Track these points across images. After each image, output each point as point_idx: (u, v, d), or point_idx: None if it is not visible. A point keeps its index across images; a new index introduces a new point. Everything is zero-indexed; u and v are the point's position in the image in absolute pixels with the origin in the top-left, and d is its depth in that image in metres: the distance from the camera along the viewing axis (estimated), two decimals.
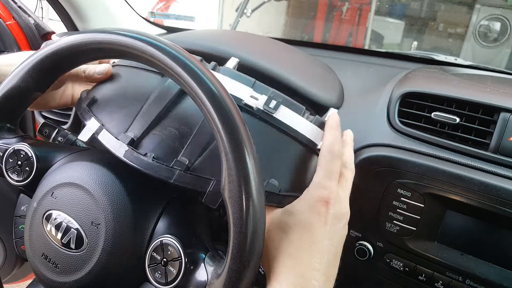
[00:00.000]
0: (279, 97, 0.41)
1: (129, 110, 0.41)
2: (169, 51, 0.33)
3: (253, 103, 0.40)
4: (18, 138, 0.45)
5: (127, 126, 0.40)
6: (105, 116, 0.42)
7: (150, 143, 0.39)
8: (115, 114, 0.41)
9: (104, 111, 0.42)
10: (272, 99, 0.40)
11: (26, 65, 0.40)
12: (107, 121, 0.41)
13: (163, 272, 0.36)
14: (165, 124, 0.39)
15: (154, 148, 0.38)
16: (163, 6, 1.92)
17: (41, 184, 0.42)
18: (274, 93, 0.41)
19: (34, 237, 0.40)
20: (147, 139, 0.39)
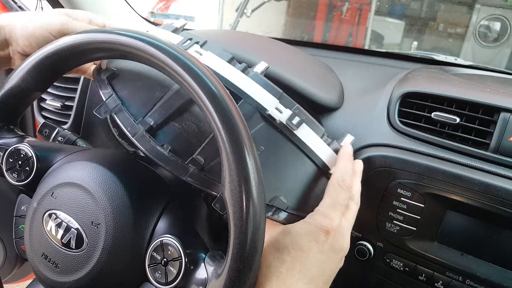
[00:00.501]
0: (303, 115, 0.41)
1: (151, 95, 0.39)
2: (169, 50, 0.33)
3: (277, 116, 0.39)
4: (18, 138, 0.45)
5: (147, 110, 0.39)
6: (125, 95, 0.40)
7: (168, 134, 0.38)
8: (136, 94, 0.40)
9: (125, 89, 0.41)
10: (296, 116, 0.40)
11: (26, 64, 0.40)
12: (127, 100, 0.40)
13: (163, 272, 0.36)
14: (186, 117, 0.39)
15: (171, 140, 0.38)
16: (163, 6, 1.92)
17: (41, 184, 0.42)
18: (298, 110, 0.41)
19: (34, 237, 0.40)
20: (166, 128, 0.38)
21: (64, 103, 0.82)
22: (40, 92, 0.43)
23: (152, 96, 0.39)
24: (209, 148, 0.37)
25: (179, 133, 0.38)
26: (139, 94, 0.40)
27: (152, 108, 0.39)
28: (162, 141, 0.38)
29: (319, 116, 0.62)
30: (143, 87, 0.41)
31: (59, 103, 0.82)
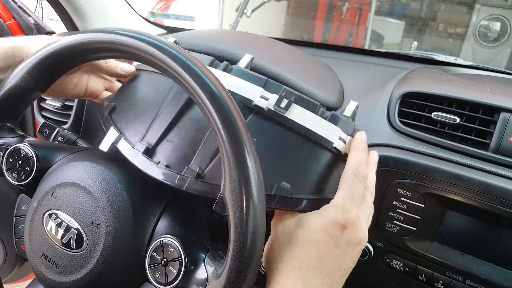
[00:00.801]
0: (291, 95, 0.40)
1: (145, 117, 0.42)
2: (169, 51, 0.33)
3: (263, 104, 0.39)
4: (18, 138, 0.45)
5: (143, 133, 0.41)
6: (123, 124, 0.43)
7: (164, 150, 0.39)
8: (132, 122, 0.42)
9: (123, 119, 0.43)
10: (284, 98, 0.39)
11: (26, 64, 0.40)
12: (125, 129, 0.42)
13: (163, 272, 0.36)
14: (179, 129, 0.40)
15: (167, 156, 0.39)
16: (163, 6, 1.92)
17: (41, 184, 0.42)
18: (286, 91, 0.40)
19: (34, 236, 0.40)
20: (161, 146, 0.40)
21: (64, 103, 0.82)
22: (40, 92, 0.43)
23: (146, 119, 0.42)
24: (202, 153, 0.38)
25: (173, 148, 0.39)
26: (135, 122, 0.42)
27: (147, 130, 0.41)
28: (159, 159, 0.39)
29: None
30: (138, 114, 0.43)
31: (59, 103, 0.82)
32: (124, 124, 0.43)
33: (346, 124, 0.42)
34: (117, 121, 0.43)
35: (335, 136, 0.41)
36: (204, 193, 0.37)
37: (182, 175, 0.37)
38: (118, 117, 0.44)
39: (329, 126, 0.41)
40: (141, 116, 0.42)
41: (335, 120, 0.41)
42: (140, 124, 0.42)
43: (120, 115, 0.44)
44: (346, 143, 0.42)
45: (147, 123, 0.41)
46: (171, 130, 0.40)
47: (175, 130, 0.40)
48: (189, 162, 0.38)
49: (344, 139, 0.41)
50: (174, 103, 0.40)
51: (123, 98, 0.46)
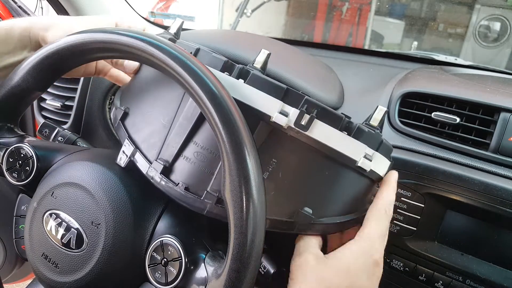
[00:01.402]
0: (313, 107, 0.35)
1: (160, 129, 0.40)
2: (169, 50, 0.33)
3: (282, 121, 0.35)
4: (18, 138, 0.45)
5: (159, 148, 0.39)
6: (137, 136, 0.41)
7: (181, 169, 0.38)
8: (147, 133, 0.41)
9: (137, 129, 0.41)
10: (305, 113, 0.35)
11: (26, 64, 0.40)
12: (140, 142, 0.40)
13: (163, 272, 0.36)
14: (195, 145, 0.38)
15: (185, 176, 0.38)
16: (163, 6, 1.92)
17: (41, 184, 0.42)
18: (307, 103, 0.35)
19: (34, 236, 0.40)
20: (178, 164, 0.38)
21: (64, 103, 0.82)
22: (40, 92, 0.43)
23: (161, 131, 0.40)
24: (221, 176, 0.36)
25: (191, 167, 0.38)
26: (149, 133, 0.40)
27: (163, 144, 0.39)
28: (177, 179, 0.38)
29: None
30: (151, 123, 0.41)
31: (59, 103, 0.82)
32: (138, 135, 0.41)
33: (372, 137, 0.39)
34: (131, 130, 0.41)
35: (359, 154, 0.38)
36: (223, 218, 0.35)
37: (202, 200, 0.36)
38: (131, 126, 0.42)
39: (353, 143, 0.38)
40: (155, 127, 0.40)
41: (360, 134, 0.38)
42: (155, 137, 0.40)
43: (134, 123, 0.42)
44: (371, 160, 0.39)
45: (162, 136, 0.39)
46: (187, 146, 0.38)
47: (191, 146, 0.38)
48: (208, 183, 0.37)
49: (369, 156, 0.38)
50: (189, 115, 0.38)
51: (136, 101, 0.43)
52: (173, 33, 0.43)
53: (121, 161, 0.41)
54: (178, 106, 0.39)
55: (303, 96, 0.36)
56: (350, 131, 0.37)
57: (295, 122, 0.35)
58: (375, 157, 0.39)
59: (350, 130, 0.37)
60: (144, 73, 0.46)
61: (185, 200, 0.37)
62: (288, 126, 0.35)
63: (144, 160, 0.39)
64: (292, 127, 0.35)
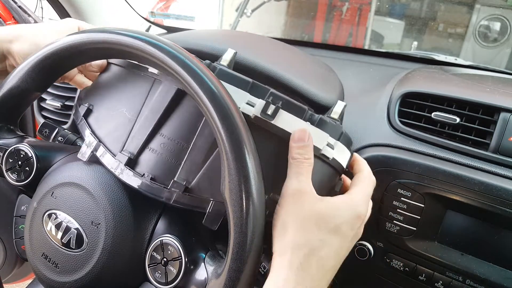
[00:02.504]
0: (279, 99, 0.38)
1: (125, 122, 0.40)
2: (169, 50, 0.33)
3: (249, 111, 0.37)
4: (18, 138, 0.45)
5: (123, 141, 0.40)
6: (101, 130, 0.41)
7: (147, 161, 0.38)
8: (111, 127, 0.41)
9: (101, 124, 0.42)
10: (271, 104, 0.37)
11: (25, 65, 0.40)
12: (104, 135, 0.41)
13: (163, 272, 0.36)
14: (161, 137, 0.38)
15: (151, 167, 0.38)
16: (163, 6, 1.92)
17: (41, 184, 0.42)
18: (273, 95, 0.38)
19: (34, 237, 0.40)
20: (144, 155, 0.38)
21: (64, 103, 0.82)
22: (39, 93, 0.43)
23: (126, 124, 0.40)
24: (188, 165, 0.37)
25: (157, 158, 0.38)
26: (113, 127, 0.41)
27: (127, 137, 0.39)
28: (143, 170, 0.38)
29: None
30: (115, 117, 0.41)
31: (59, 103, 0.82)
32: (102, 129, 0.41)
33: (333, 128, 0.41)
34: (95, 126, 0.42)
35: (323, 143, 0.40)
36: (192, 207, 0.36)
37: (169, 189, 0.36)
38: (95, 121, 0.42)
39: (316, 132, 0.40)
40: (119, 120, 0.40)
41: (323, 124, 0.40)
42: (120, 130, 0.40)
43: (97, 119, 0.42)
44: (333, 149, 0.40)
45: (126, 129, 0.40)
46: (153, 138, 0.38)
47: (157, 138, 0.38)
48: (175, 173, 0.37)
49: (332, 145, 0.40)
50: (155, 108, 0.39)
51: (99, 98, 0.44)
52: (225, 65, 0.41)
53: (84, 156, 0.41)
54: (144, 100, 0.40)
55: (268, 89, 0.38)
56: (313, 122, 0.39)
57: (261, 112, 0.37)
58: (337, 146, 0.41)
59: (313, 121, 0.40)
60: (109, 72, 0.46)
61: (151, 191, 0.37)
62: (255, 116, 0.37)
63: (107, 153, 0.39)
64: (259, 117, 0.37)
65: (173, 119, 0.39)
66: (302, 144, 0.38)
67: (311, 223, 0.37)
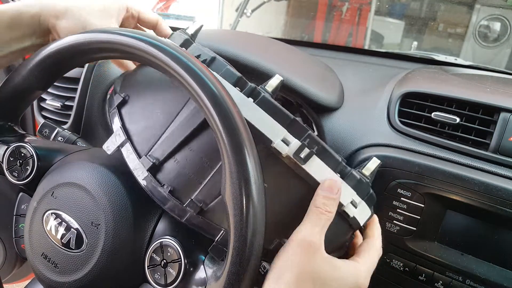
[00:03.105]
0: (315, 144, 0.36)
1: (157, 125, 0.39)
2: (170, 52, 0.33)
3: (283, 149, 0.35)
4: (18, 137, 0.45)
5: (151, 144, 0.39)
6: (132, 126, 0.40)
7: (170, 171, 0.37)
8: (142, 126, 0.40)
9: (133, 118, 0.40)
10: (306, 148, 0.36)
11: (28, 63, 0.40)
12: (134, 133, 0.39)
13: (163, 274, 0.36)
14: (189, 151, 0.37)
15: (172, 178, 0.37)
16: (163, 6, 1.92)
17: (41, 184, 0.42)
18: (310, 138, 0.36)
19: (34, 236, 0.40)
20: (168, 165, 0.38)
21: (64, 103, 0.81)
22: (41, 91, 0.43)
23: (157, 128, 0.39)
24: (208, 187, 0.36)
25: (180, 170, 0.37)
26: (145, 127, 0.40)
27: (156, 141, 0.38)
28: (164, 180, 0.37)
29: (319, 116, 0.62)
30: (149, 117, 0.40)
31: (59, 103, 0.82)
32: (133, 125, 0.40)
33: (362, 186, 0.39)
34: (126, 120, 0.41)
35: (347, 199, 0.38)
36: (202, 230, 0.36)
37: (184, 207, 0.36)
38: (128, 115, 0.41)
39: (344, 187, 0.38)
40: (152, 122, 0.40)
41: (353, 180, 0.39)
42: (150, 132, 0.39)
43: (130, 113, 0.41)
44: (356, 207, 0.39)
45: (157, 133, 0.39)
46: (180, 150, 0.37)
47: (185, 151, 0.37)
48: (194, 191, 0.36)
49: (356, 203, 0.39)
50: (189, 120, 0.38)
51: (137, 91, 0.42)
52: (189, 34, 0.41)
53: (109, 149, 0.40)
54: (182, 107, 0.39)
55: (307, 130, 0.36)
56: (343, 175, 0.38)
57: (294, 153, 0.35)
58: (361, 205, 0.40)
59: (343, 174, 0.38)
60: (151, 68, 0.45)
61: (166, 203, 0.36)
62: (287, 155, 0.35)
63: (133, 153, 0.38)
64: (291, 157, 0.35)
65: (205, 136, 0.37)
66: (330, 195, 0.36)
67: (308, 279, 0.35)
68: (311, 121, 0.65)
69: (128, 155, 0.39)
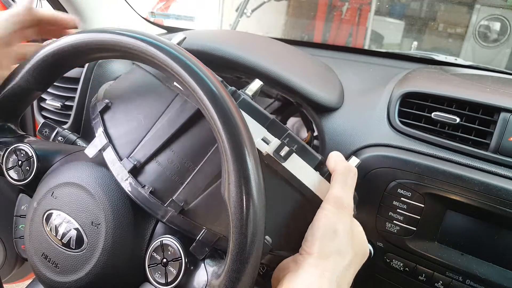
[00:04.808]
0: (294, 143, 0.38)
1: (139, 128, 0.39)
2: (170, 51, 0.33)
3: (263, 148, 0.36)
4: (18, 138, 0.45)
5: (133, 147, 0.39)
6: (114, 130, 0.40)
7: (151, 172, 0.38)
8: (124, 130, 0.40)
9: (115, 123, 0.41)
10: (285, 146, 0.37)
11: (27, 64, 0.40)
12: (115, 137, 0.40)
13: (163, 272, 0.36)
14: (171, 152, 0.38)
15: (154, 179, 0.37)
16: (163, 6, 1.92)
17: (41, 184, 0.42)
18: (289, 137, 0.38)
19: (34, 236, 0.40)
20: (149, 167, 0.38)
21: (64, 103, 0.82)
22: (40, 92, 0.43)
23: (139, 131, 0.39)
24: (190, 187, 0.36)
25: (161, 172, 0.37)
26: (127, 130, 0.40)
27: (138, 144, 0.39)
28: (145, 181, 0.37)
29: (319, 116, 0.62)
30: (131, 121, 0.40)
31: (59, 103, 0.82)
32: (115, 129, 0.41)
33: None
34: (108, 124, 0.41)
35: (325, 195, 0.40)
36: (183, 230, 0.36)
37: (165, 207, 0.36)
38: (110, 120, 0.42)
39: (324, 184, 0.40)
40: (134, 125, 0.40)
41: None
42: (132, 135, 0.39)
43: (113, 118, 0.42)
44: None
45: (139, 136, 0.39)
46: (162, 151, 0.38)
47: (166, 152, 0.38)
48: (175, 192, 0.37)
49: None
50: (172, 122, 0.38)
51: (120, 96, 0.43)
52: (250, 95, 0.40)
53: (90, 152, 0.40)
54: (163, 111, 0.39)
55: (286, 130, 0.38)
56: (323, 174, 0.40)
57: (274, 151, 0.37)
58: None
59: (323, 172, 0.40)
60: (133, 74, 0.46)
61: (147, 204, 0.36)
62: (267, 153, 0.37)
63: (114, 156, 0.38)
64: (271, 156, 0.37)
65: (187, 137, 0.38)
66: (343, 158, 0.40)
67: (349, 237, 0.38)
68: (311, 121, 0.65)
69: (109, 158, 0.39)
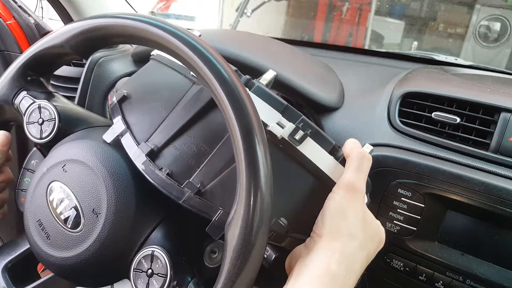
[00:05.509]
0: (308, 128, 0.38)
1: (156, 115, 0.40)
2: (182, 36, 0.33)
3: (278, 132, 0.37)
4: (47, 94, 0.45)
5: (150, 132, 0.40)
6: (132, 117, 0.41)
7: (168, 156, 0.38)
8: (141, 117, 0.41)
9: (132, 112, 0.42)
10: (300, 130, 0.37)
11: (75, 28, 0.39)
12: (133, 123, 0.41)
13: (146, 283, 0.36)
14: (187, 137, 0.39)
15: (170, 162, 0.38)
16: (163, 6, 1.92)
17: (56, 149, 0.42)
18: (303, 122, 0.38)
19: (36, 201, 0.40)
20: (166, 151, 0.39)
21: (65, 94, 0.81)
22: (78, 57, 0.42)
23: (156, 118, 0.40)
24: (206, 170, 0.37)
25: (178, 155, 0.38)
26: (144, 117, 0.41)
27: (155, 130, 0.40)
28: (162, 164, 0.38)
29: (320, 116, 0.62)
30: (148, 109, 0.41)
31: None
32: (133, 117, 0.41)
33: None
34: (126, 112, 0.42)
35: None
36: (200, 211, 0.36)
37: (182, 188, 0.36)
38: (128, 108, 0.42)
39: (338, 168, 0.40)
40: (151, 113, 0.41)
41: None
42: (149, 121, 0.40)
43: (130, 106, 0.42)
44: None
45: (156, 122, 0.40)
46: (179, 136, 0.39)
47: (183, 137, 0.39)
48: (191, 174, 0.37)
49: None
50: (188, 108, 0.39)
51: (137, 88, 0.44)
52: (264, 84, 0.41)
53: (108, 137, 0.41)
54: (180, 99, 0.40)
55: (300, 115, 0.38)
56: (337, 158, 0.40)
57: (289, 135, 0.37)
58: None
59: (337, 157, 0.40)
60: (149, 67, 0.47)
61: (164, 186, 0.37)
62: (282, 137, 0.37)
63: (132, 140, 0.39)
64: (286, 139, 0.37)
65: (203, 123, 0.39)
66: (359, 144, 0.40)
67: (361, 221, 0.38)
68: (311, 121, 0.65)
69: (127, 143, 0.39)
